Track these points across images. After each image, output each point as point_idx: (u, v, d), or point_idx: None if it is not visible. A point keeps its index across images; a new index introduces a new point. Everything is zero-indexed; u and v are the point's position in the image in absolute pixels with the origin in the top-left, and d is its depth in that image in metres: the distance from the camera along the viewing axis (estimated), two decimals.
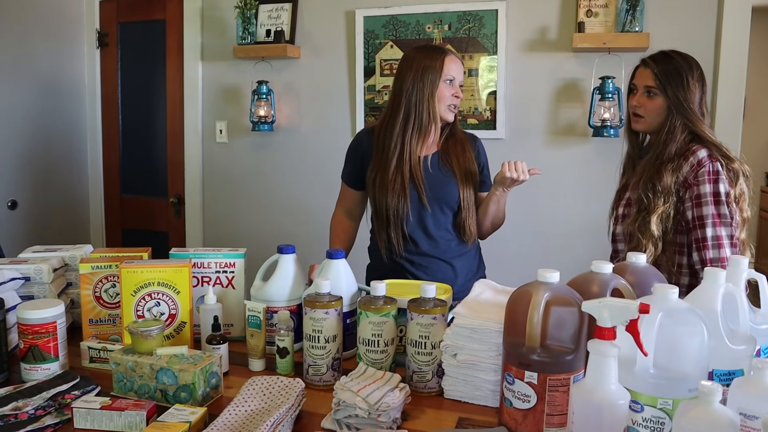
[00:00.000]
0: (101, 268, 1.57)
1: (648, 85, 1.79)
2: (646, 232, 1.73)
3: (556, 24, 2.81)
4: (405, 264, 1.98)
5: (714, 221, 1.66)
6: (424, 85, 1.88)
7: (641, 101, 1.81)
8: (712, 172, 1.68)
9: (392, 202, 1.91)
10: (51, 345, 1.38)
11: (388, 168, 1.91)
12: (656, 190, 1.72)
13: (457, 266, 1.99)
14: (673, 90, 1.74)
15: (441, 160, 1.96)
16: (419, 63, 1.90)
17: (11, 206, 3.19)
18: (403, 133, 1.91)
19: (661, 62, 1.78)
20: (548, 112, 2.87)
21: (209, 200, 3.52)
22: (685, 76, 1.74)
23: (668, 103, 1.75)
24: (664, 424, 0.99)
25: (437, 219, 1.96)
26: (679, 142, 1.74)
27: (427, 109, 1.89)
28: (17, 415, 1.17)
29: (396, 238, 1.94)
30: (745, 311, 1.14)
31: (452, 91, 1.91)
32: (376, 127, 2.00)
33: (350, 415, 1.16)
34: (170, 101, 3.52)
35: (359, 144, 2.04)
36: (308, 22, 3.18)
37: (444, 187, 1.94)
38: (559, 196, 2.88)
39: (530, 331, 1.10)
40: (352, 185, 2.08)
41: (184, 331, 1.51)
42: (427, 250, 1.97)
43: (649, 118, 1.80)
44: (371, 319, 1.35)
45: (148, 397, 1.28)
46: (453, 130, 2.00)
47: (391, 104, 1.95)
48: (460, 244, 2.00)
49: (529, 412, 1.12)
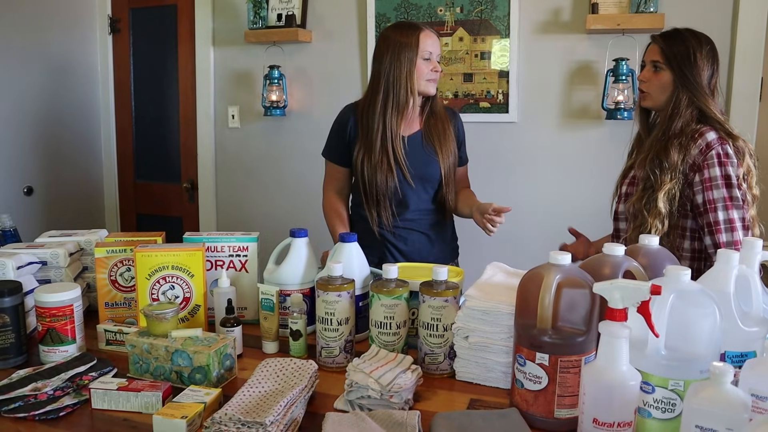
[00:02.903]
0: (116, 253, 1.59)
1: (654, 59, 1.77)
2: (652, 209, 1.71)
3: (569, 5, 2.78)
4: (387, 235, 2.05)
5: (726, 204, 1.65)
6: (401, 64, 1.91)
7: (647, 76, 1.79)
8: (722, 154, 1.66)
9: (381, 181, 1.96)
10: (68, 327, 1.41)
11: (374, 148, 1.96)
12: (663, 167, 1.70)
13: (432, 236, 2.08)
14: (679, 64, 1.72)
15: (424, 139, 2.01)
16: (395, 41, 1.92)
17: (27, 192, 3.23)
18: (383, 113, 1.94)
19: (669, 37, 1.76)
20: (561, 95, 2.84)
21: (222, 185, 3.54)
22: (692, 51, 1.71)
23: (674, 78, 1.73)
24: (675, 405, 1.00)
25: (419, 196, 2.03)
26: (685, 117, 1.72)
27: (404, 87, 1.92)
28: (37, 396, 1.20)
29: (386, 214, 2.01)
30: (759, 293, 1.14)
31: (430, 66, 1.94)
32: (359, 106, 2.03)
33: (363, 396, 1.17)
34: (182, 87, 3.53)
35: (345, 123, 2.05)
36: (319, 6, 3.17)
37: (427, 167, 2.00)
38: (572, 179, 2.87)
39: (541, 312, 1.10)
40: (339, 162, 2.10)
41: (199, 314, 1.53)
42: (408, 224, 2.05)
43: (654, 93, 1.78)
44: (383, 302, 1.36)
45: (163, 378, 1.30)
46: (433, 107, 2.03)
47: (371, 85, 2.00)
48: (438, 215, 2.09)
49: (540, 393, 1.12)
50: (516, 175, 2.92)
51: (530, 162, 2.89)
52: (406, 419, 1.10)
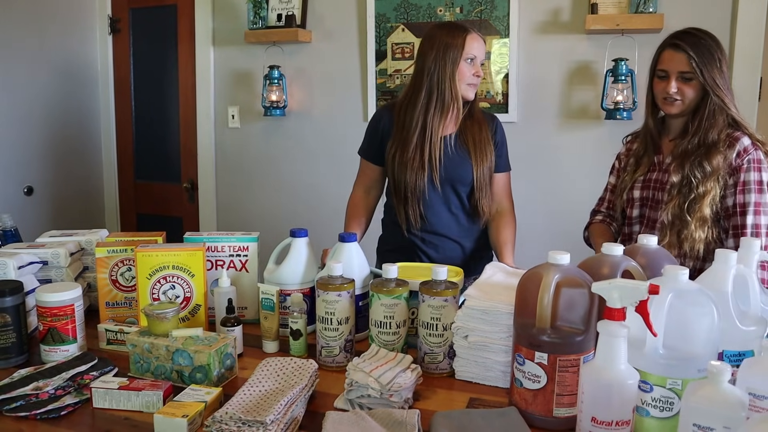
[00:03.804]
0: (117, 252, 1.59)
1: (683, 70, 1.70)
2: (696, 215, 1.68)
3: (568, 5, 2.78)
4: (416, 241, 2.00)
5: (756, 209, 1.65)
6: (446, 64, 1.87)
7: (678, 87, 1.72)
8: (756, 160, 1.67)
9: (410, 179, 1.92)
10: (69, 327, 1.41)
11: (408, 145, 1.92)
12: (706, 173, 1.67)
13: (465, 246, 2.01)
14: (708, 72, 1.68)
15: (458, 140, 1.96)
16: (441, 41, 1.89)
17: (27, 192, 3.23)
18: (425, 111, 1.90)
19: (692, 45, 1.70)
20: (561, 95, 2.85)
21: (222, 185, 3.54)
22: (716, 57, 1.69)
23: (704, 86, 1.69)
24: (673, 403, 1.00)
25: (449, 199, 1.97)
26: (719, 123, 1.70)
27: (449, 88, 1.88)
28: (38, 395, 1.20)
29: (413, 215, 1.95)
30: (756, 293, 1.14)
31: (473, 70, 1.90)
32: (398, 103, 2.00)
33: (363, 395, 1.18)
34: (182, 87, 3.53)
35: (379, 120, 2.04)
36: (319, 6, 3.17)
37: (458, 168, 1.94)
38: (571, 178, 2.87)
39: (540, 312, 1.11)
40: (372, 160, 2.08)
41: (199, 313, 1.53)
42: (438, 229, 1.98)
43: (687, 100, 1.72)
44: (383, 301, 1.36)
45: (164, 377, 1.31)
46: (472, 110, 1.99)
47: (413, 82, 1.95)
48: (471, 224, 2.02)
49: (539, 392, 1.13)
50: (515, 175, 2.90)
51: (530, 162, 2.89)
52: (406, 418, 1.11)
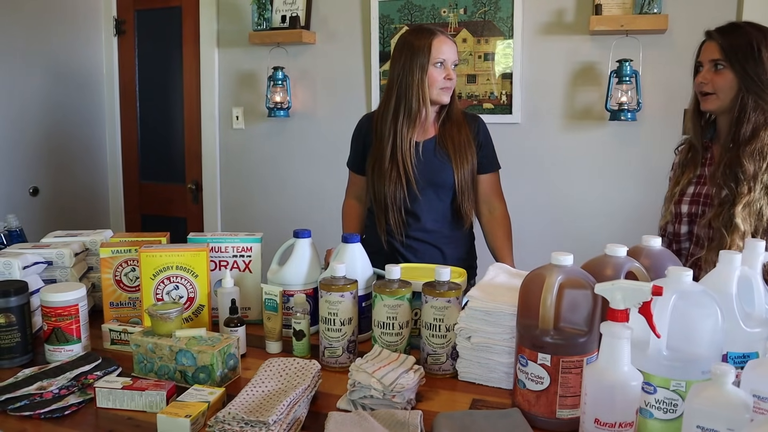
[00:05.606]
0: (121, 253, 1.60)
1: (714, 58, 1.61)
2: (731, 227, 1.55)
3: (572, 6, 2.78)
4: (396, 244, 1.99)
5: None
6: (413, 70, 1.84)
7: (708, 77, 1.63)
8: None
9: (389, 189, 1.91)
10: (73, 327, 1.42)
11: (384, 156, 1.90)
12: (738, 178, 1.56)
13: (447, 252, 2.00)
14: (741, 63, 1.56)
15: (438, 145, 1.93)
16: (409, 46, 1.86)
17: (33, 193, 3.24)
18: (395, 120, 1.88)
19: (727, 33, 1.61)
20: (564, 96, 2.84)
21: (226, 186, 3.55)
22: (756, 47, 1.55)
23: (737, 78, 1.57)
24: (677, 405, 1.00)
25: (431, 205, 1.96)
26: (753, 121, 1.56)
27: (416, 95, 1.85)
28: (42, 395, 1.20)
29: (395, 223, 1.95)
30: (761, 294, 1.14)
31: (444, 74, 1.86)
32: (375, 113, 1.99)
33: (365, 396, 1.18)
34: (187, 88, 3.54)
35: (360, 131, 2.05)
36: (323, 7, 3.18)
37: (439, 173, 1.92)
38: (574, 180, 2.87)
39: (543, 313, 1.11)
40: (357, 171, 2.08)
41: (203, 313, 1.54)
42: (419, 234, 1.98)
43: (722, 94, 1.61)
44: (386, 302, 1.36)
45: (167, 377, 1.31)
46: (450, 112, 1.96)
47: (386, 90, 1.93)
48: (453, 229, 2.01)
49: (542, 393, 1.13)
50: (519, 176, 2.92)
51: (533, 163, 2.89)
52: (409, 419, 1.11)
